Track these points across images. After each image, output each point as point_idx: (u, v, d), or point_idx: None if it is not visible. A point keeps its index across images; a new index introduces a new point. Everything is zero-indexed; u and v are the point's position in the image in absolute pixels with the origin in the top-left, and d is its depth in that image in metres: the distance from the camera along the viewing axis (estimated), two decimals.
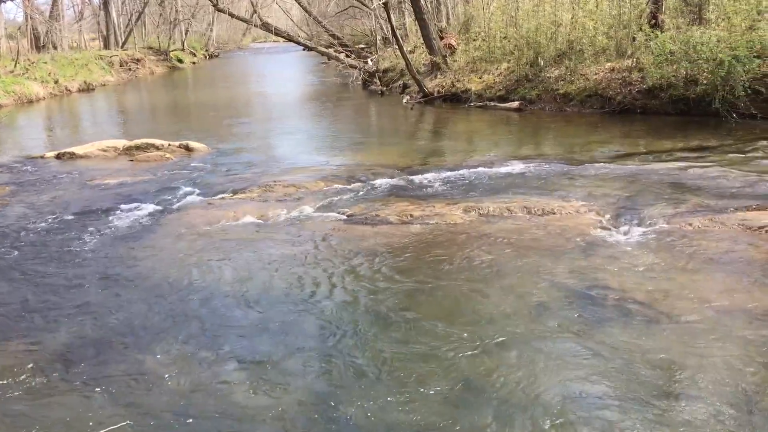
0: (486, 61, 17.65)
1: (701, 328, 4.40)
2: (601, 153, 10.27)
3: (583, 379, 3.85)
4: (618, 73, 14.36)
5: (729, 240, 5.93)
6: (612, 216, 6.80)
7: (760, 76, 12.13)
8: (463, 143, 12.54)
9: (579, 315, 4.67)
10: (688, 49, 12.47)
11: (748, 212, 6.62)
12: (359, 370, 4.11)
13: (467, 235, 6.43)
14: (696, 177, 8.32)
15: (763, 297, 4.82)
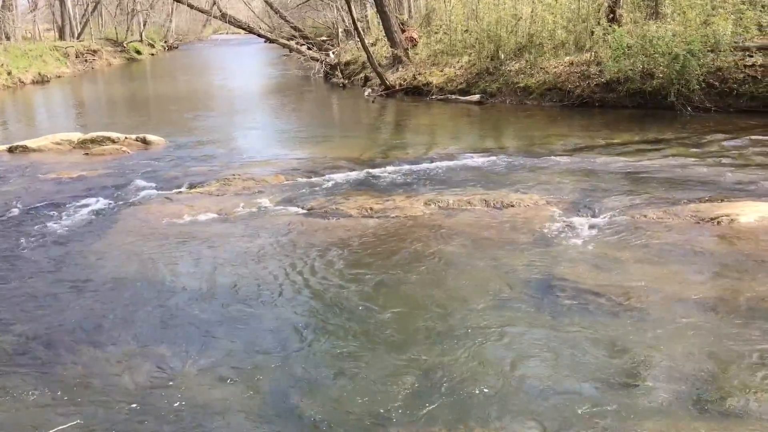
0: (447, 55, 17.71)
1: (655, 316, 4.47)
2: (560, 146, 10.37)
3: (541, 369, 3.88)
4: (577, 66, 14.54)
5: (682, 231, 6.04)
6: (570, 208, 6.87)
7: (714, 70, 12.41)
8: (425, 136, 12.57)
9: (537, 306, 4.70)
10: (645, 44, 12.68)
11: (700, 204, 6.75)
12: (319, 363, 4.08)
13: (427, 228, 6.44)
14: (652, 169, 8.47)
15: (714, 286, 4.92)
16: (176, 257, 5.90)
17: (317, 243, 6.10)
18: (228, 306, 4.91)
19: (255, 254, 5.89)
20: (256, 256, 5.84)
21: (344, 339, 4.39)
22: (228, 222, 6.84)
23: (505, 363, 3.97)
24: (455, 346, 4.17)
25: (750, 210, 6.41)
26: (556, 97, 14.40)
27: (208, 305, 4.94)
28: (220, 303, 4.97)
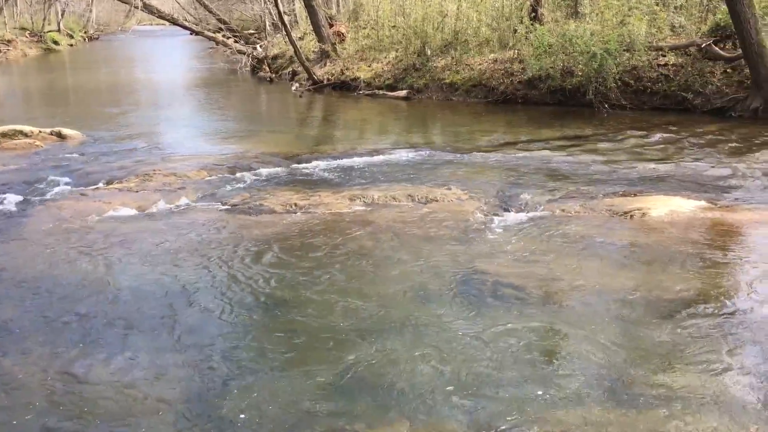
0: (375, 50, 17.75)
1: (573, 308, 4.61)
2: (484, 141, 10.56)
3: (462, 362, 3.93)
4: (501, 63, 14.83)
5: (598, 225, 6.25)
6: (493, 203, 7.01)
7: (629, 68, 12.90)
8: (352, 131, 12.56)
9: (460, 300, 4.77)
10: (565, 42, 13.04)
11: (615, 198, 7.01)
12: (240, 363, 4.02)
13: (352, 223, 6.43)
14: (571, 164, 8.73)
15: (628, 278, 5.10)
16: (92, 256, 5.69)
17: (239, 240, 6.00)
18: (144, 306, 4.77)
19: (173, 252, 5.75)
20: (175, 254, 5.70)
21: (265, 337, 4.35)
22: (146, 219, 6.65)
23: (427, 357, 4.01)
24: (378, 342, 4.19)
25: (661, 204, 6.70)
26: (481, 93, 14.65)
27: (123, 306, 4.79)
28: (136, 303, 4.82)
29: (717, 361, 3.86)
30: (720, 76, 12.58)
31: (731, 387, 3.60)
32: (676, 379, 3.68)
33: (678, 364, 3.85)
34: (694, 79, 12.53)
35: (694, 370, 3.77)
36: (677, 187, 7.53)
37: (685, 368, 3.80)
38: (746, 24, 11.28)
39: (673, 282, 4.94)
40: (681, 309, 4.51)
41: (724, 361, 3.87)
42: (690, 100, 12.49)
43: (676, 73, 12.82)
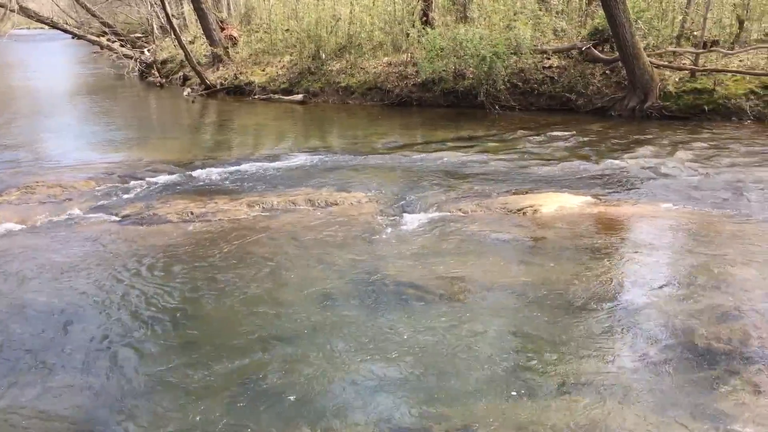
0: (269, 54, 17.56)
1: (472, 305, 4.74)
2: (381, 144, 10.67)
3: (366, 365, 3.96)
4: (395, 67, 15.04)
5: (494, 223, 6.46)
6: (392, 205, 7.10)
7: (517, 71, 13.41)
8: (248, 137, 12.36)
9: (363, 303, 4.80)
10: (456, 46, 13.38)
11: (509, 196, 7.27)
12: (135, 378, 3.87)
13: (251, 230, 6.34)
14: (466, 165, 8.97)
15: (524, 272, 5.30)
16: None
17: (133, 252, 5.78)
18: (25, 326, 4.51)
19: (61, 268, 5.46)
20: (63, 270, 5.41)
21: (163, 351, 4.21)
22: (29, 234, 6.28)
23: (330, 362, 4.01)
24: (281, 349, 4.15)
25: (551, 201, 7.00)
26: (377, 96, 14.80)
27: (4, 325, 4.50)
28: (17, 324, 4.55)
29: (607, 348, 4.08)
30: (600, 77, 13.30)
31: (621, 372, 3.81)
32: (572, 368, 3.86)
33: (573, 352, 4.04)
34: (576, 81, 13.18)
35: (588, 357, 3.97)
36: (565, 184, 7.90)
37: (579, 356, 3.99)
38: (621, 28, 11.98)
39: (564, 273, 5.18)
40: (573, 299, 4.74)
41: (614, 348, 4.09)
42: (574, 100, 13.14)
43: (560, 75, 13.44)
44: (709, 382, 3.65)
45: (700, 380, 3.67)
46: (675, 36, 14.12)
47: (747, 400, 3.45)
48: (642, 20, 13.18)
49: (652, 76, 12.40)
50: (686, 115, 12.19)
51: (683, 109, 12.30)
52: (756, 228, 6.19)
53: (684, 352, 3.99)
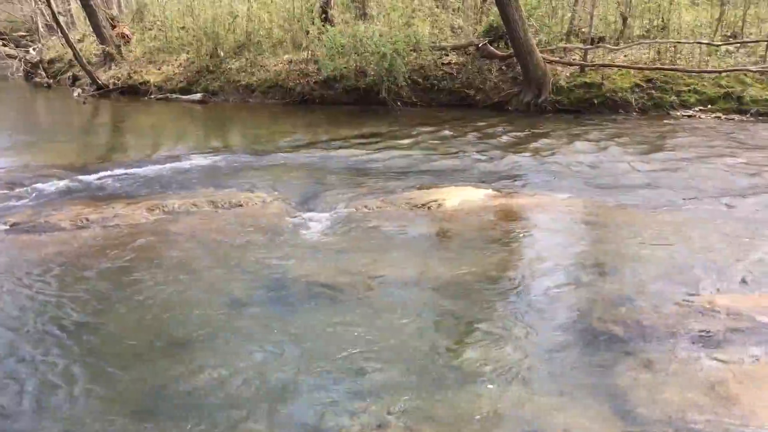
0: (164, 52, 17.04)
1: (383, 300, 4.76)
2: (285, 143, 10.57)
3: (277, 368, 3.91)
4: (296, 64, 14.94)
5: (399, 218, 6.53)
6: (297, 204, 7.05)
7: (417, 68, 13.62)
8: (146, 138, 11.94)
9: (271, 304, 4.73)
10: (356, 43, 13.43)
11: (413, 192, 7.37)
12: (31, 395, 3.66)
13: (152, 235, 6.12)
14: (370, 162, 9.02)
15: (429, 266, 5.37)
16: None
17: (23, 263, 5.45)
18: None
19: None
20: None
21: (64, 364, 3.99)
22: None
23: (240, 365, 3.93)
24: (188, 356, 4.03)
25: (454, 194, 7.16)
26: (279, 94, 14.66)
27: None
28: None
29: (511, 335, 4.21)
30: (496, 73, 13.71)
31: (524, 358, 3.94)
32: (479, 357, 3.95)
33: (479, 341, 4.14)
34: (474, 77, 13.53)
35: (493, 345, 4.08)
36: (467, 177, 8.09)
37: (485, 345, 4.09)
38: (515, 25, 12.39)
39: (469, 265, 5.30)
40: (479, 289, 4.86)
41: (517, 335, 4.23)
42: (472, 96, 13.48)
43: (459, 71, 13.75)
44: (607, 363, 3.83)
45: (598, 362, 3.85)
46: (565, 33, 14.75)
47: (642, 377, 3.65)
48: (534, 17, 13.69)
49: (545, 71, 12.90)
50: (578, 109, 12.77)
51: (575, 102, 12.88)
52: (645, 215, 6.55)
53: (583, 335, 4.17)
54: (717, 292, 4.68)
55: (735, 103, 12.35)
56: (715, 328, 4.16)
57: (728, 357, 3.81)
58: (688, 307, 4.46)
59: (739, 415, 3.27)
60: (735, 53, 14.18)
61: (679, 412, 3.32)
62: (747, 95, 12.39)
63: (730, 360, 3.78)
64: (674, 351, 3.92)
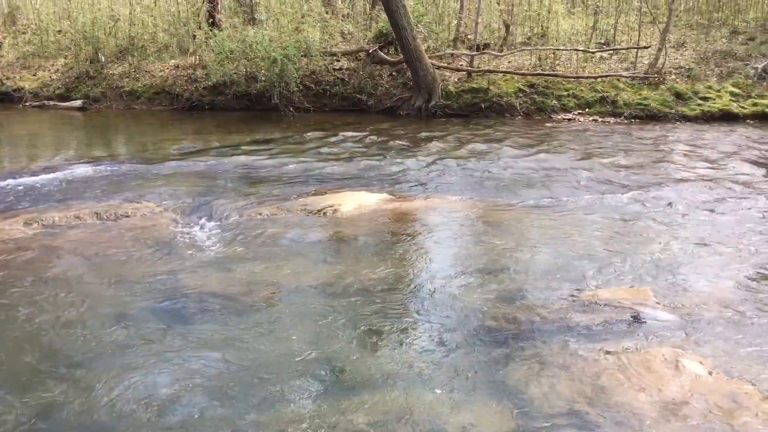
0: (40, 57, 16.13)
1: (280, 308, 4.70)
2: (174, 151, 10.25)
3: (173, 382, 3.77)
4: (183, 70, 14.54)
5: (295, 225, 6.47)
6: (189, 213, 6.84)
7: (308, 73, 13.58)
8: (21, 148, 11.22)
9: (163, 318, 4.56)
10: (246, 48, 13.23)
11: (308, 197, 7.33)
12: None
13: (31, 250, 5.76)
14: (264, 168, 8.90)
15: (327, 272, 5.35)
16: None
17: None
18: None
19: None
20: None
21: None
22: None
23: (133, 382, 3.76)
24: (77, 375, 3.82)
25: (349, 199, 7.18)
26: (166, 100, 14.21)
27: None
28: None
29: (407, 338, 4.27)
30: (388, 78, 13.91)
31: (422, 360, 4.00)
32: (377, 361, 3.98)
33: (376, 345, 4.17)
34: (366, 82, 13.66)
35: (391, 349, 4.12)
36: (362, 182, 8.14)
37: (383, 349, 4.12)
38: (404, 31, 12.62)
39: (367, 269, 5.33)
40: (377, 293, 4.89)
41: (413, 337, 4.29)
42: (364, 101, 13.60)
43: (351, 76, 13.84)
44: (502, 359, 3.96)
45: (493, 359, 3.97)
46: (452, 39, 15.17)
47: (535, 371, 3.80)
48: (422, 24, 13.99)
49: (435, 76, 13.21)
50: (466, 113, 13.16)
51: (463, 107, 13.26)
52: (532, 213, 6.83)
53: (478, 334, 4.29)
54: (599, 286, 4.94)
55: (610, 106, 13.14)
56: (599, 320, 4.40)
57: (611, 347, 4.03)
58: (574, 301, 4.69)
59: (620, 402, 3.46)
60: (608, 59, 15.09)
61: (571, 403, 3.47)
62: (620, 99, 13.20)
63: (612, 350, 4.00)
64: (563, 344, 4.10)
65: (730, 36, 16.19)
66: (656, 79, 13.67)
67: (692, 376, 3.64)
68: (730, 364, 3.81)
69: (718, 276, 5.15)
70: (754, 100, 13.12)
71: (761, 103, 13.02)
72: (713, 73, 14.18)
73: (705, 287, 4.94)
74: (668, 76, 13.89)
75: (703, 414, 3.33)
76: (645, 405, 3.42)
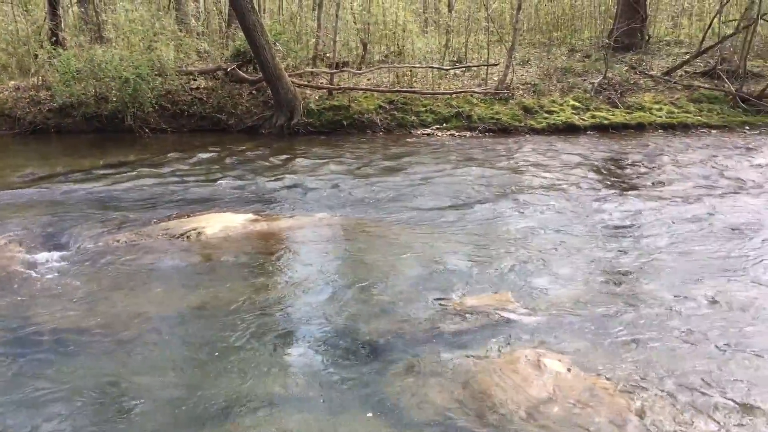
0: None
1: (141, 339, 4.47)
2: (17, 178, 9.52)
3: (21, 427, 3.49)
4: (24, 91, 13.58)
5: (157, 250, 6.20)
6: (37, 244, 6.37)
7: (164, 93, 13.12)
8: None
9: (9, 359, 4.21)
10: (94, 67, 12.59)
11: (170, 221, 7.06)
12: None
13: None
14: (119, 193, 8.48)
15: (193, 298, 5.16)
16: None
17: None
18: None
19: None
20: None
21: None
22: None
23: None
24: None
25: (214, 221, 6.99)
26: (6, 125, 13.19)
27: None
28: None
29: (279, 360, 4.21)
30: (248, 97, 13.74)
31: (295, 382, 3.95)
32: (248, 388, 3.88)
33: (247, 371, 4.06)
34: (225, 101, 13.41)
35: (263, 374, 4.04)
36: (226, 203, 7.97)
37: (253, 375, 4.03)
38: (262, 50, 12.52)
39: (235, 292, 5.20)
40: (245, 316, 4.77)
41: (286, 359, 4.24)
42: (225, 120, 13.34)
43: (209, 95, 13.54)
44: (375, 373, 4.00)
45: (366, 373, 4.00)
46: (311, 57, 15.25)
47: (408, 382, 3.87)
48: (280, 42, 13.96)
49: (295, 94, 13.21)
50: (329, 130, 13.26)
51: (326, 124, 13.35)
52: (397, 227, 6.98)
53: (350, 350, 4.31)
54: (465, 294, 5.13)
55: (465, 121, 13.73)
56: (466, 327, 4.56)
57: (479, 352, 4.20)
58: (442, 311, 4.83)
59: (490, 405, 3.61)
60: (462, 76, 15.79)
61: (443, 410, 3.57)
62: (474, 114, 13.83)
63: (480, 355, 4.16)
64: (434, 353, 4.21)
65: (568, 54, 17.48)
66: (506, 94, 14.46)
67: (553, 374, 3.85)
68: (586, 360, 4.07)
69: (572, 278, 5.50)
70: (593, 113, 14.22)
71: (599, 115, 14.13)
72: (556, 88, 15.22)
73: (560, 289, 5.26)
74: (516, 91, 14.73)
75: (565, 409, 3.54)
76: (512, 405, 3.58)
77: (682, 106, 14.66)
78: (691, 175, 9.52)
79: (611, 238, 6.57)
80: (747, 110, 14.45)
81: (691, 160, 10.57)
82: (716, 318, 4.69)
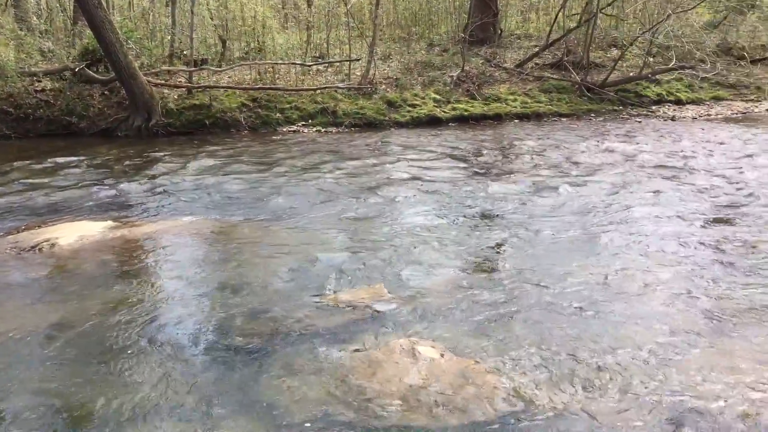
0: None
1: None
2: None
3: None
4: None
5: (5, 266, 5.74)
6: None
7: (5, 96, 12.15)
8: None
9: None
10: None
11: (18, 234, 6.55)
12: None
13: None
14: None
15: (48, 315, 4.80)
16: None
17: None
18: None
19: None
20: None
21: None
22: None
23: None
24: None
25: (69, 231, 6.56)
26: None
27: None
28: None
29: (153, 371, 4.02)
30: (100, 98, 12.99)
31: (167, 392, 3.79)
32: (130, 398, 3.69)
33: (124, 382, 3.86)
34: (75, 103, 12.61)
35: (132, 386, 3.84)
36: (83, 211, 7.50)
37: (126, 387, 3.83)
38: (113, 48, 11.88)
39: (96, 304, 4.89)
40: (109, 329, 4.51)
41: (161, 367, 4.05)
42: (76, 123, 12.55)
43: (56, 98, 12.68)
44: (252, 375, 3.91)
45: (244, 376, 3.91)
46: (167, 55, 14.68)
47: (286, 381, 3.82)
48: (132, 40, 13.32)
49: (152, 94, 12.66)
50: (190, 130, 12.83)
51: (186, 124, 12.91)
52: (268, 228, 6.88)
53: (226, 353, 4.19)
54: (339, 290, 5.13)
55: (331, 117, 13.75)
56: (342, 321, 4.57)
57: (354, 346, 4.22)
58: (318, 307, 4.81)
59: (368, 397, 3.64)
60: (325, 72, 15.80)
61: (323, 407, 3.55)
62: (339, 109, 13.89)
63: (357, 348, 4.18)
64: (312, 350, 4.18)
65: (428, 48, 17.96)
66: (369, 89, 14.62)
67: (428, 361, 3.94)
68: (458, 345, 4.20)
69: (441, 265, 5.66)
70: (454, 105, 14.70)
71: (459, 107, 14.64)
72: (417, 82, 15.59)
73: (431, 277, 5.40)
74: (380, 86, 14.94)
75: (440, 393, 3.63)
76: (391, 395, 3.62)
77: (534, 97, 15.49)
78: (546, 161, 10.08)
79: (477, 225, 6.82)
80: (592, 98, 15.53)
81: (544, 146, 11.21)
82: (576, 291, 4.99)
